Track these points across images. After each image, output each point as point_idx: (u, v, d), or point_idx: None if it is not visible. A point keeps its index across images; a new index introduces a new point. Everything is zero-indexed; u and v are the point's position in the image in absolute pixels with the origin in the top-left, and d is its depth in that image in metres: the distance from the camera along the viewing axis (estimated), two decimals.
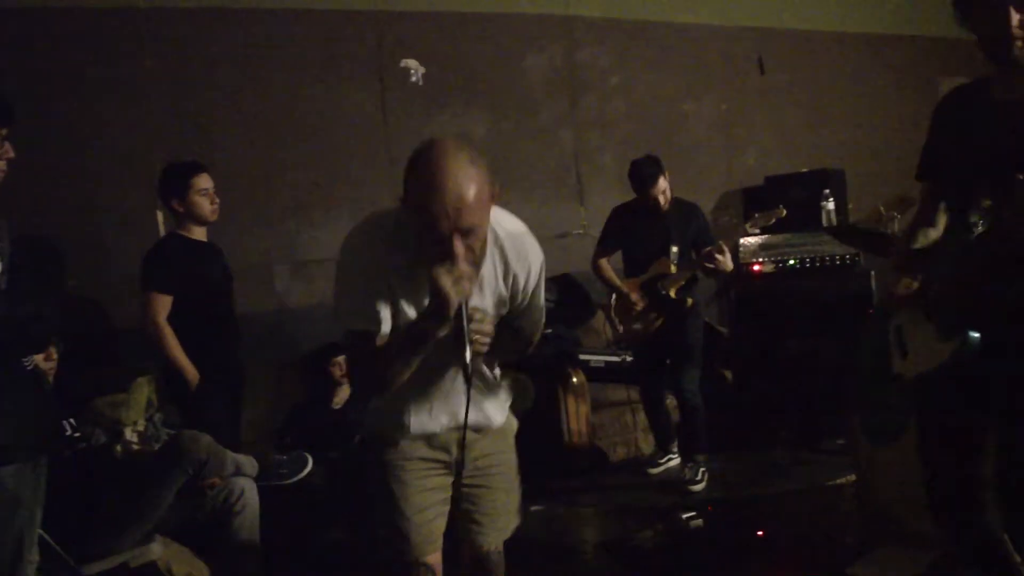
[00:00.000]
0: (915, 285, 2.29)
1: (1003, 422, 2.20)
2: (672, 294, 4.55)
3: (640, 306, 4.66)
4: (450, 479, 2.32)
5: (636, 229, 4.65)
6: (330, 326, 4.89)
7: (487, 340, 2.00)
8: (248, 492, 3.36)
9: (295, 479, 3.86)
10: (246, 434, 4.33)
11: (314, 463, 4.02)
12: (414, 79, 5.41)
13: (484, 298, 2.13)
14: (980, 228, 2.09)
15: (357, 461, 4.16)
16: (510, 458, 2.44)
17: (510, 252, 2.17)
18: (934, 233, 2.36)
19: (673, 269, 4.55)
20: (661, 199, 4.52)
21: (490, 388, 2.34)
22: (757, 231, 4.59)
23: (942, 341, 2.15)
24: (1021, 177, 1.90)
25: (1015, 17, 2.08)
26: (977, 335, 2.07)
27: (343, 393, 4.56)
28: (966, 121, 2.29)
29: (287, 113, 5.07)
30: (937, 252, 2.31)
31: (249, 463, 3.45)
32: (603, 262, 4.82)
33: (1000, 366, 2.11)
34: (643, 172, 4.52)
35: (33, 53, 4.50)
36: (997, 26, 2.09)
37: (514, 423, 2.48)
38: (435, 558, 2.31)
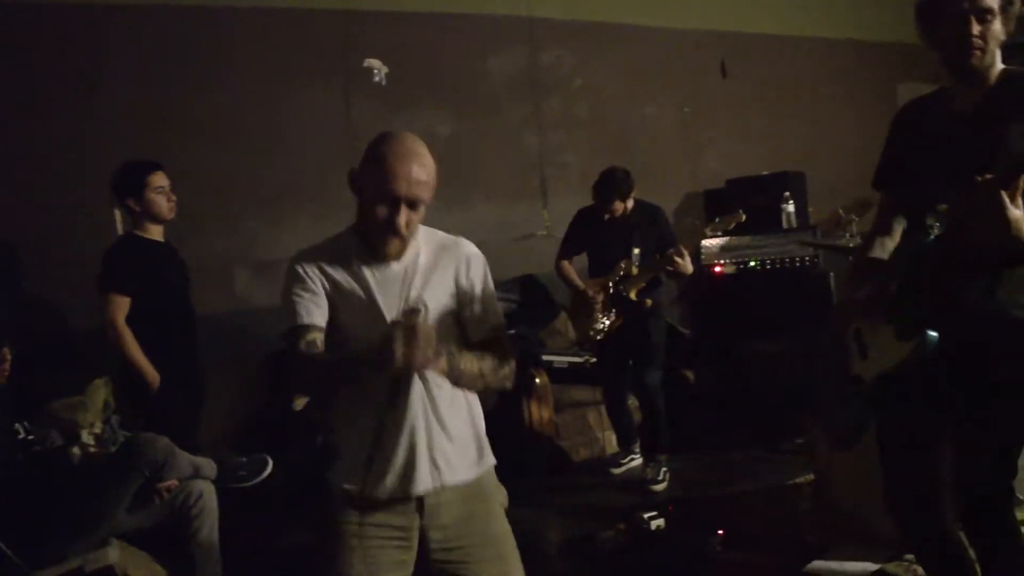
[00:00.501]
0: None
1: (958, 421, 2.24)
2: (632, 296, 4.57)
3: (600, 307, 4.67)
4: (411, 554, 2.09)
5: (599, 231, 4.68)
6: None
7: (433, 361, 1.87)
8: (207, 495, 3.31)
9: (255, 481, 3.81)
10: (206, 436, 4.28)
11: (275, 465, 3.98)
12: (377, 79, 5.39)
13: (432, 302, 2.10)
14: (937, 231, 2.13)
15: (319, 463, 4.15)
16: (497, 528, 2.19)
17: (448, 256, 2.19)
18: (891, 243, 2.40)
19: (635, 271, 4.57)
20: (606, 216, 4.61)
21: (451, 434, 2.11)
22: (718, 234, 4.61)
23: (901, 341, 2.19)
24: (978, 179, 1.94)
25: (976, 27, 2.13)
26: (935, 335, 2.11)
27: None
28: (926, 131, 2.33)
29: (248, 112, 5.03)
30: (895, 254, 2.35)
31: (208, 465, 3.40)
32: (565, 263, 4.84)
33: (954, 365, 2.16)
34: (603, 186, 4.58)
35: None
36: (959, 36, 2.15)
37: (496, 487, 2.27)
38: None
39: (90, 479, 3.16)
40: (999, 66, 2.24)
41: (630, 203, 4.63)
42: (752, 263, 5.37)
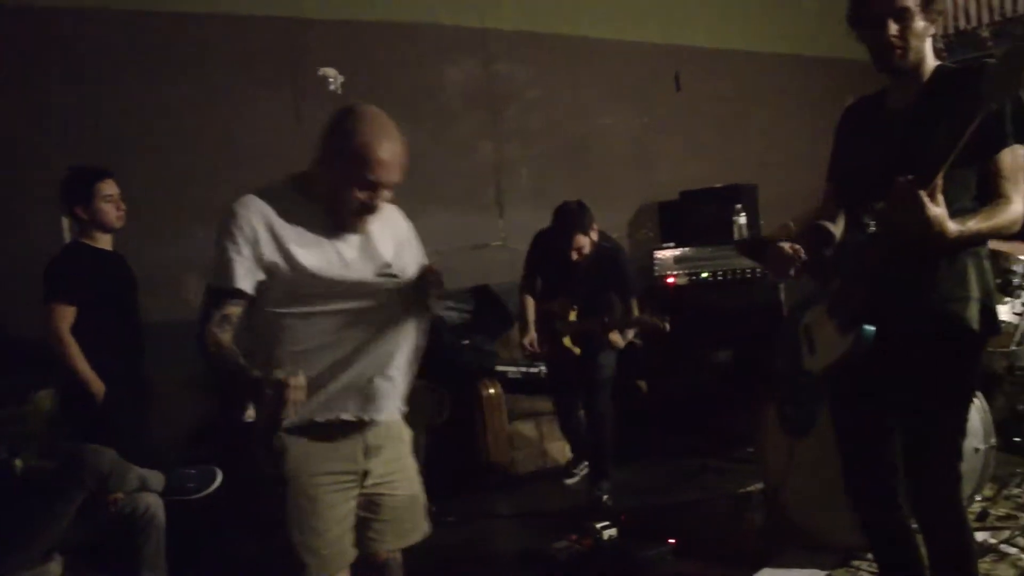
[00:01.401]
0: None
1: (901, 412, 2.32)
2: (566, 342, 4.46)
3: (536, 334, 4.56)
4: (356, 491, 2.28)
5: (552, 260, 4.50)
6: (242, 336, 4.82)
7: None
8: (154, 507, 3.27)
9: (204, 493, 3.76)
10: (154, 447, 4.22)
11: (225, 476, 3.93)
12: (332, 87, 5.36)
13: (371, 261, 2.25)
14: (872, 228, 2.20)
15: (270, 475, 4.10)
16: (409, 463, 2.45)
17: (389, 222, 2.39)
18: (833, 228, 2.49)
19: (572, 316, 4.48)
20: (574, 255, 4.35)
21: (396, 378, 2.31)
22: (641, 328, 4.53)
23: (842, 336, 2.27)
24: (899, 179, 2.01)
25: (893, 27, 2.19)
26: (872, 329, 2.18)
27: None
28: (864, 129, 2.43)
29: (198, 119, 4.96)
30: (837, 250, 2.42)
31: (155, 477, 3.35)
32: (527, 299, 4.66)
33: (895, 358, 2.25)
34: (564, 223, 4.35)
35: None
36: (878, 36, 2.22)
37: (406, 429, 2.47)
38: (346, 575, 2.29)
39: (33, 492, 3.10)
40: (931, 63, 2.30)
41: (594, 235, 4.39)
42: (704, 274, 5.44)
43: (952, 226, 2.05)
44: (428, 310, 2.26)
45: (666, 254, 5.55)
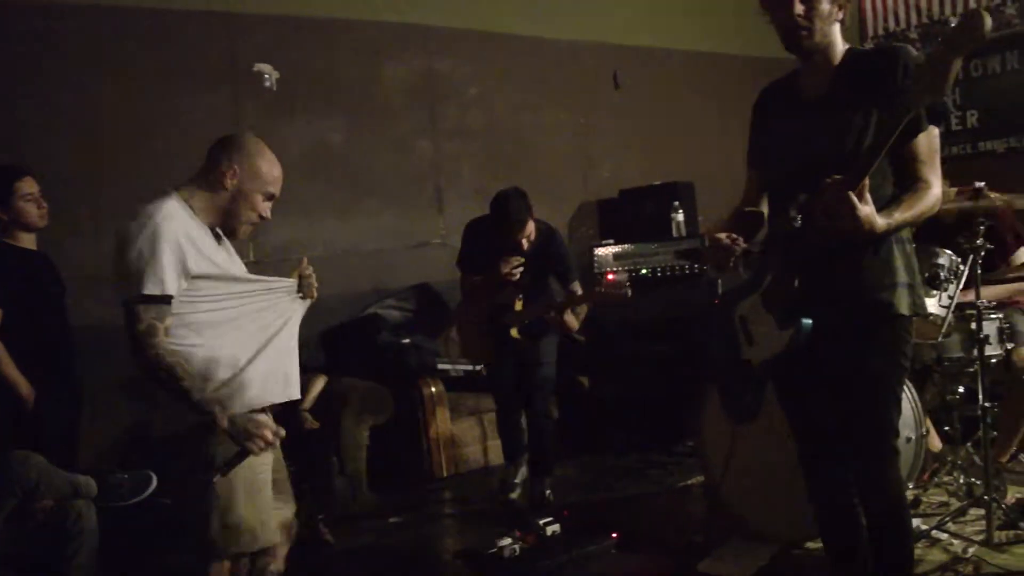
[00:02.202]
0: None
1: (836, 396, 2.39)
2: (514, 333, 4.36)
3: (480, 330, 4.50)
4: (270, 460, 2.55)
5: (490, 250, 4.39)
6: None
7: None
8: (86, 514, 3.17)
9: (138, 499, 3.67)
10: (85, 453, 4.11)
11: (161, 481, 3.84)
12: (268, 84, 5.28)
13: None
14: (798, 223, 2.24)
15: (210, 478, 4.02)
16: None
17: None
18: (760, 210, 2.57)
19: (519, 306, 4.39)
20: (525, 243, 4.27)
21: (295, 358, 2.60)
22: (596, 301, 4.45)
23: (780, 331, 2.32)
24: (828, 180, 2.05)
25: (798, 7, 2.23)
26: (809, 322, 2.24)
27: None
28: (779, 115, 2.48)
29: (131, 116, 4.83)
30: (765, 245, 2.47)
31: (86, 483, 3.25)
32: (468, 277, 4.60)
33: (830, 346, 2.31)
34: (510, 212, 4.18)
35: None
36: (784, 15, 2.26)
37: None
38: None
39: None
40: (840, 46, 2.34)
41: (533, 235, 4.30)
42: (644, 271, 5.48)
43: (881, 221, 2.11)
44: (306, 302, 2.64)
45: (606, 251, 5.58)
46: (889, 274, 2.31)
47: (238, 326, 2.43)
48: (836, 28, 2.32)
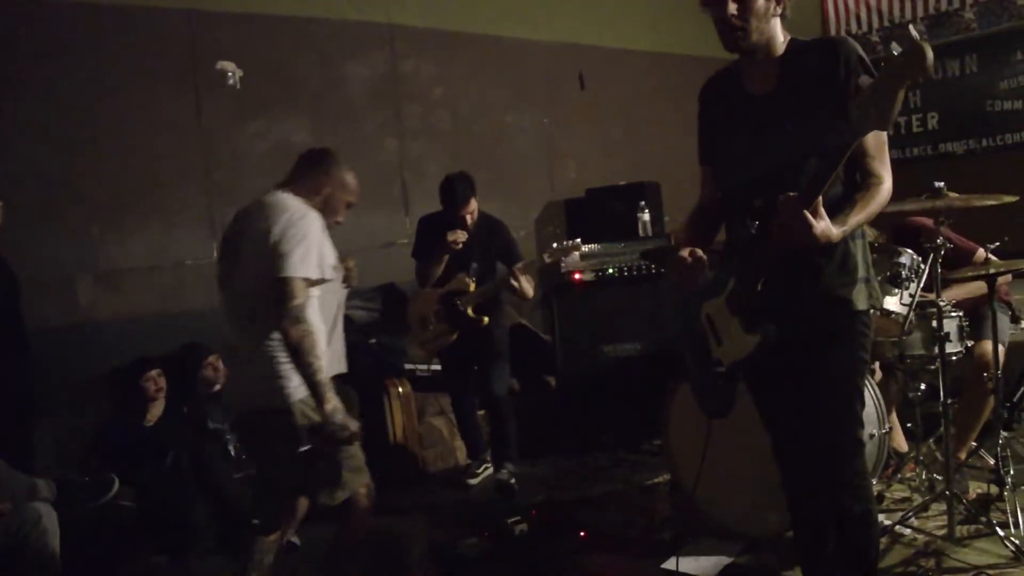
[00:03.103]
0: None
1: (802, 392, 2.41)
2: (470, 312, 4.56)
3: (434, 319, 4.68)
4: None
5: (440, 240, 4.62)
6: (141, 339, 4.67)
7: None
8: (46, 518, 3.12)
9: (99, 501, 3.62)
10: (46, 456, 4.04)
11: (124, 484, 3.79)
12: (231, 82, 5.21)
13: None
14: (755, 230, 2.27)
15: (171, 481, 3.98)
16: None
17: None
18: (718, 216, 2.59)
19: (471, 287, 4.58)
20: (468, 219, 4.59)
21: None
22: (553, 260, 4.61)
23: (748, 334, 2.35)
24: (782, 198, 2.07)
25: (731, 7, 2.25)
26: (774, 327, 2.26)
27: (156, 410, 4.32)
28: (727, 113, 2.48)
29: (91, 114, 4.74)
30: (727, 248, 2.48)
31: (46, 486, 3.21)
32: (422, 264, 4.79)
33: (795, 345, 2.34)
34: (455, 190, 4.55)
35: None
36: (718, 16, 2.28)
37: None
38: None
39: None
40: (781, 38, 2.34)
41: (476, 213, 4.63)
42: (610, 270, 5.49)
43: (836, 231, 2.14)
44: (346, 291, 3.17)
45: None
46: (847, 271, 2.35)
47: (326, 312, 2.88)
48: (776, 23, 2.31)
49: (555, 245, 4.53)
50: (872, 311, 2.42)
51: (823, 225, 2.09)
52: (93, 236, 4.79)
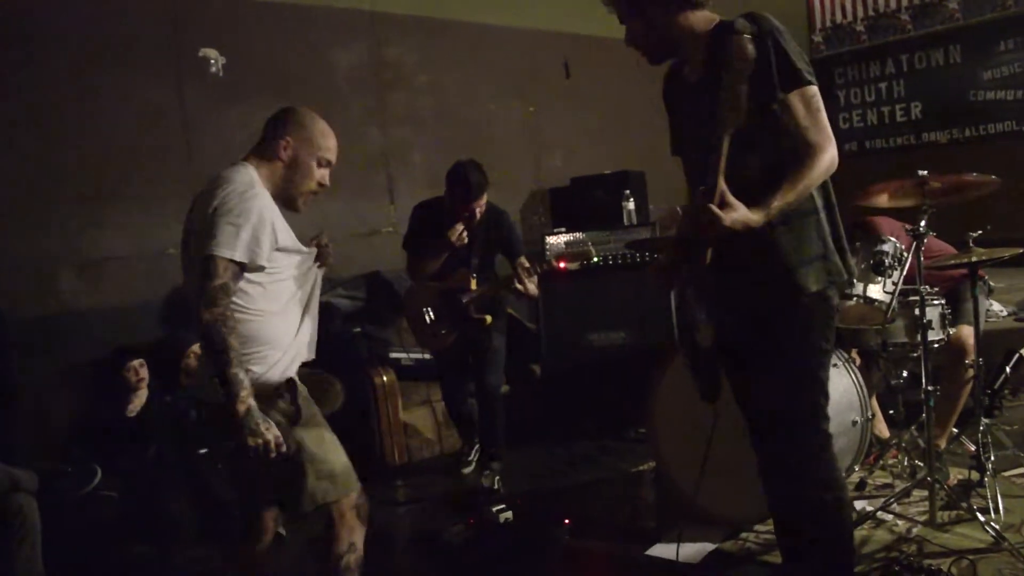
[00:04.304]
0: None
1: (758, 375, 2.43)
2: (472, 313, 4.41)
3: (432, 314, 4.53)
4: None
5: (439, 231, 4.43)
6: (123, 328, 4.64)
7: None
8: (27, 509, 3.11)
9: (82, 492, 3.60)
10: (31, 447, 4.02)
11: (107, 474, 3.78)
12: (214, 69, 5.17)
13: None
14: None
15: (155, 469, 3.97)
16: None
17: None
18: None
19: (473, 284, 4.43)
20: (477, 212, 4.38)
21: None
22: (568, 265, 4.50)
23: (708, 322, 2.39)
24: (700, 189, 2.11)
25: (627, 36, 2.44)
26: (712, 328, 2.35)
27: (139, 399, 4.30)
28: (676, 101, 2.57)
29: (71, 102, 4.69)
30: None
31: (27, 477, 3.19)
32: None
33: (747, 329, 2.37)
34: (470, 180, 4.30)
35: None
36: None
37: None
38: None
39: None
40: (703, 26, 2.33)
41: (484, 204, 4.42)
42: (595, 259, 5.49)
43: (756, 216, 2.15)
44: (322, 271, 2.75)
45: (558, 239, 5.58)
46: (798, 252, 2.31)
47: (294, 295, 2.58)
48: (684, 17, 2.33)
49: (568, 249, 4.45)
50: (830, 290, 2.35)
51: (733, 216, 2.10)
52: (74, 225, 4.75)
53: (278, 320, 2.52)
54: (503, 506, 3.94)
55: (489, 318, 4.47)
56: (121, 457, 3.98)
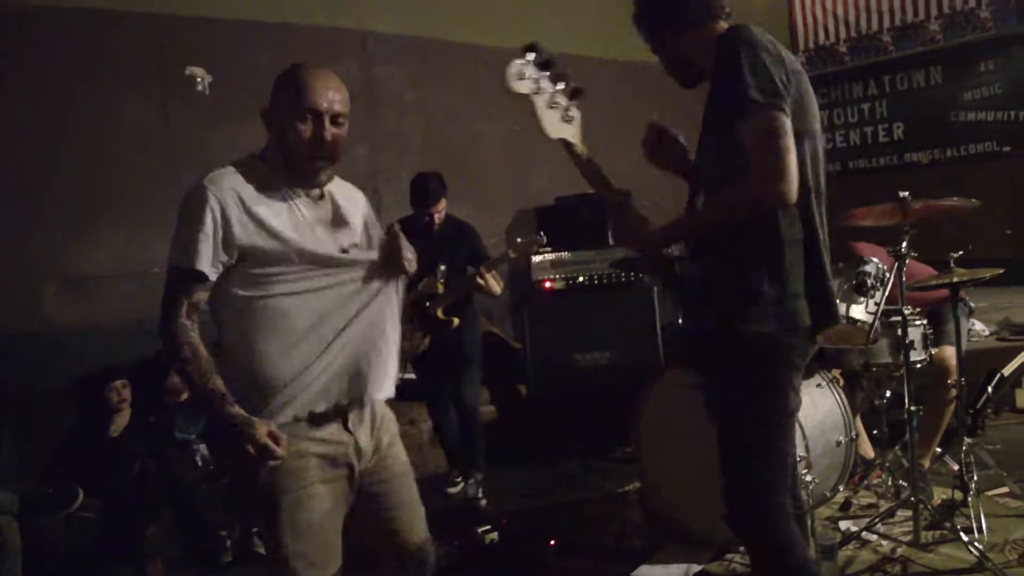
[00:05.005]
0: None
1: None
2: (439, 315, 4.50)
3: (408, 321, 4.61)
4: (345, 483, 2.15)
5: (414, 246, 4.57)
6: (106, 347, 4.61)
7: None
8: (8, 530, 3.07)
9: (63, 513, 3.56)
10: (9, 467, 3.97)
11: (89, 495, 3.74)
12: (200, 88, 5.17)
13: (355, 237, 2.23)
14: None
15: (137, 490, 3.93)
16: (404, 455, 2.38)
17: (354, 199, 2.35)
18: None
19: (440, 288, 4.51)
20: (436, 218, 4.59)
21: (389, 348, 2.22)
22: (518, 255, 4.46)
23: None
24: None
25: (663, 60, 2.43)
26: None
27: (121, 420, 4.27)
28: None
29: (55, 119, 4.68)
30: None
31: (8, 498, 3.16)
32: None
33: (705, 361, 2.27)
34: (426, 187, 4.55)
35: None
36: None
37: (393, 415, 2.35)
38: (337, 569, 2.17)
39: None
40: (707, 48, 2.25)
41: (444, 213, 4.62)
42: (580, 278, 5.51)
43: (657, 236, 2.24)
44: (403, 271, 2.26)
45: (543, 258, 5.60)
46: (738, 290, 2.11)
47: (295, 309, 2.05)
48: (688, 40, 2.31)
49: (519, 240, 4.41)
50: (786, 336, 2.10)
51: (622, 228, 2.26)
52: (58, 242, 4.73)
53: (273, 350, 2.03)
54: (489, 527, 3.93)
55: (456, 320, 4.53)
56: (103, 477, 3.94)
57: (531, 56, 2.17)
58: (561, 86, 2.26)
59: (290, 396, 2.03)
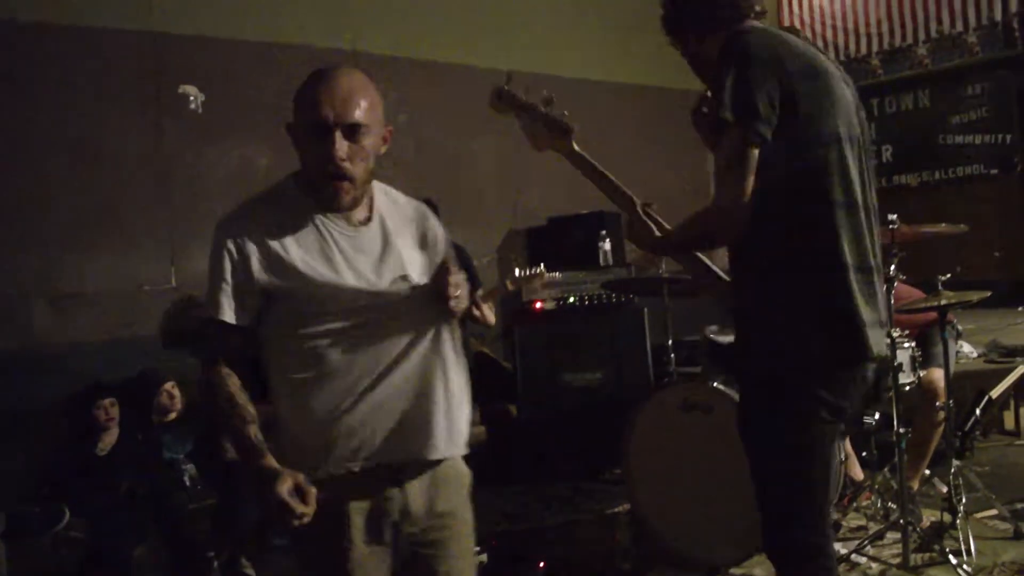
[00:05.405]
0: None
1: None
2: None
3: None
4: (389, 553, 1.88)
5: None
6: (95, 365, 4.59)
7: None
8: None
9: (50, 533, 3.53)
10: None
11: (75, 515, 3.71)
12: (193, 106, 5.19)
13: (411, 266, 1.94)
14: None
15: (125, 509, 3.91)
16: (468, 519, 2.05)
17: (401, 217, 2.06)
18: None
19: None
20: None
21: (444, 399, 1.93)
22: (516, 289, 4.47)
23: None
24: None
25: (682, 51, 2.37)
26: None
27: (109, 438, 4.23)
28: None
29: (46, 136, 4.69)
30: None
31: None
32: None
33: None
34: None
35: None
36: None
37: (467, 472, 2.04)
38: None
39: None
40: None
41: None
42: (571, 299, 5.51)
43: (652, 245, 2.29)
44: (452, 314, 1.91)
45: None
46: (764, 328, 2.06)
47: (333, 357, 1.81)
48: (708, 44, 2.24)
49: (518, 273, 4.42)
50: (795, 368, 1.99)
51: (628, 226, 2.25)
52: (49, 259, 4.71)
53: (303, 397, 1.82)
54: (478, 548, 3.90)
55: None
56: (90, 497, 3.91)
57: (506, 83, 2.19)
58: (538, 100, 2.26)
59: (321, 447, 1.81)
